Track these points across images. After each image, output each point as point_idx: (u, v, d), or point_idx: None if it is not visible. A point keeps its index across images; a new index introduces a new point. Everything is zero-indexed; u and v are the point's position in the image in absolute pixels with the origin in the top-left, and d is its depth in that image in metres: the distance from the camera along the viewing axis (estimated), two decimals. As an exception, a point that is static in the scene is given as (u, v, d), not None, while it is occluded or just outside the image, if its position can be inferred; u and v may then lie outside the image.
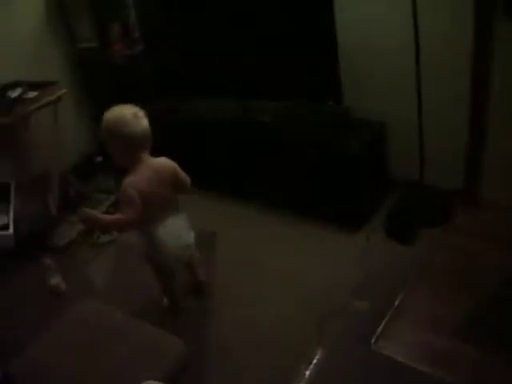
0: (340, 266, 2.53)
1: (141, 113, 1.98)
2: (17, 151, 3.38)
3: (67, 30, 3.50)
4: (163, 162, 2.08)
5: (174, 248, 2.13)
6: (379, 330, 2.11)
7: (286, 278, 2.53)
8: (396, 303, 2.22)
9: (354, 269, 2.48)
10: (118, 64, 3.28)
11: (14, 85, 3.23)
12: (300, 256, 2.65)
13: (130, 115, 1.95)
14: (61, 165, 3.36)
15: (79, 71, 3.67)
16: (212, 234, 2.90)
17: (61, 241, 3.05)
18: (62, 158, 3.36)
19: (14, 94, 3.13)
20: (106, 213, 2.73)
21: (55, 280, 2.69)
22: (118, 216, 1.95)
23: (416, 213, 2.68)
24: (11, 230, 2.91)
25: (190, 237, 2.22)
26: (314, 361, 2.05)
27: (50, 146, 3.28)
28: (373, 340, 2.07)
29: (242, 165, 3.09)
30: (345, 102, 2.65)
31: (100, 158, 3.69)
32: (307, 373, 2.01)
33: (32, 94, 3.10)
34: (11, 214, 3.00)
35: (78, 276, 2.84)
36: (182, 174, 2.13)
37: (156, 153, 2.09)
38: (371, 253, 2.56)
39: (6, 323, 2.50)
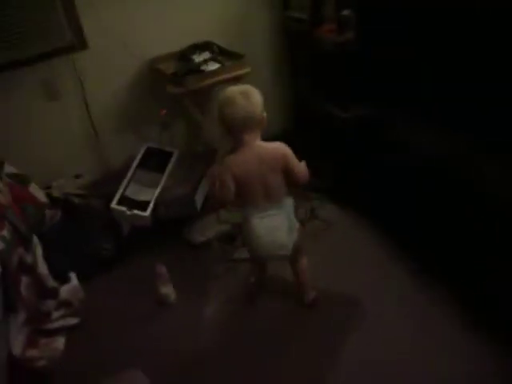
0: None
1: (254, 95, 1.88)
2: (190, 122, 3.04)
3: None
4: (271, 147, 1.94)
5: (263, 243, 1.97)
6: None
7: None
8: None
9: None
10: (323, 47, 2.62)
11: (204, 46, 2.82)
12: None
13: (240, 96, 1.86)
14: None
15: (281, 42, 3.11)
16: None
17: (197, 238, 2.67)
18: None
19: (199, 58, 2.72)
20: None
21: (166, 289, 2.32)
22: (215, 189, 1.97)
23: None
24: (148, 212, 2.60)
25: (287, 237, 1.98)
26: None
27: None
28: None
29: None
30: None
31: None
32: None
33: (213, 66, 2.65)
34: (157, 191, 2.69)
35: (195, 287, 2.42)
36: (295, 163, 1.94)
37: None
38: None
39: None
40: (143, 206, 2.63)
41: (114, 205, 2.60)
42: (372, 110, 2.50)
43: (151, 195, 2.66)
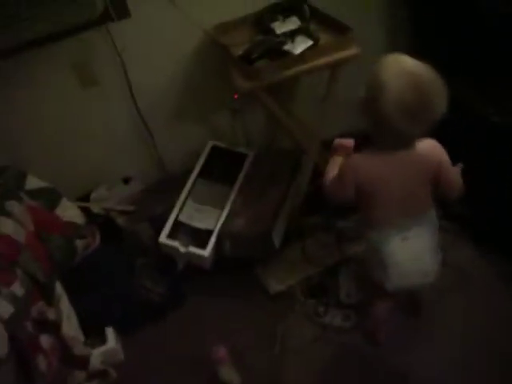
0: None
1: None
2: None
3: None
4: (425, 147, 1.40)
5: (406, 272, 1.50)
6: None
7: None
8: None
9: None
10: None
11: (290, 5, 1.97)
12: None
13: (428, 75, 1.25)
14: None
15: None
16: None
17: (273, 285, 1.98)
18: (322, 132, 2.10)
19: (282, 28, 1.89)
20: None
21: (228, 375, 1.70)
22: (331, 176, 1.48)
23: None
24: (208, 251, 1.93)
25: (433, 260, 1.52)
26: None
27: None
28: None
29: None
30: None
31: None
32: None
33: (304, 43, 1.81)
34: (222, 217, 2.00)
35: (266, 361, 1.76)
36: (451, 171, 1.43)
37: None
38: None
39: None
40: (202, 237, 1.97)
41: (163, 239, 1.95)
42: None
43: (214, 222, 1.99)
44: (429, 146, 1.41)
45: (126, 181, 2.27)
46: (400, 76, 1.25)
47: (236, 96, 2.10)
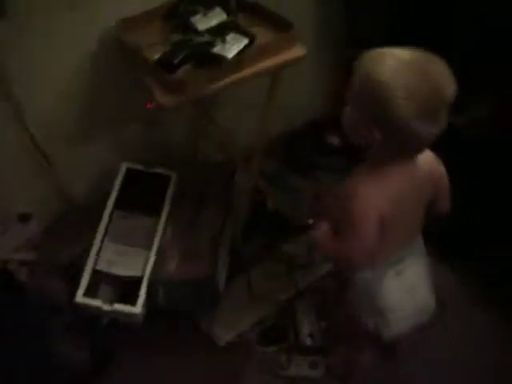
0: None
1: None
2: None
3: None
4: (426, 159, 1.15)
5: (406, 314, 1.25)
6: None
7: None
8: None
9: None
10: None
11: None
12: None
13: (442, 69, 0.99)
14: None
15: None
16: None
17: (221, 334, 1.65)
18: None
19: (205, 23, 1.53)
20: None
21: None
22: (338, 244, 1.15)
23: None
24: (139, 307, 1.56)
25: (430, 293, 1.30)
26: None
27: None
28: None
29: None
30: None
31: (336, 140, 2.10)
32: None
33: (237, 43, 1.46)
34: (151, 258, 1.63)
35: None
36: (447, 185, 1.22)
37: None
38: None
39: None
40: (130, 288, 1.60)
41: (80, 298, 1.55)
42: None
43: (141, 266, 1.62)
44: (429, 157, 1.18)
45: (24, 219, 1.82)
46: (401, 70, 0.98)
47: (149, 106, 1.71)
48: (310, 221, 1.92)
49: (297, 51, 1.43)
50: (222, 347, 1.62)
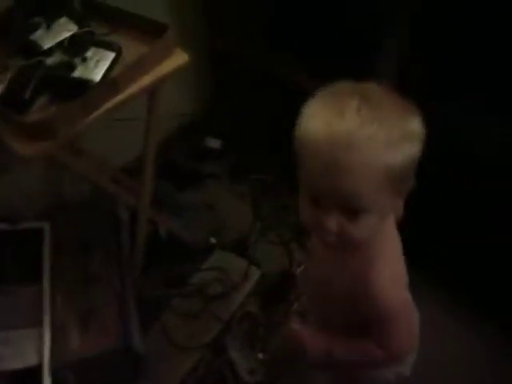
0: None
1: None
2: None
3: None
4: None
5: None
6: None
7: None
8: None
9: None
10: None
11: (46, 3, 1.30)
12: None
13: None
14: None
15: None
16: None
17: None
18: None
19: (51, 40, 1.25)
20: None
21: None
22: (367, 345, 0.87)
23: None
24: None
25: None
26: None
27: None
28: None
29: None
30: None
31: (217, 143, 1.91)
32: None
33: (103, 61, 1.17)
34: (47, 340, 1.31)
35: None
36: None
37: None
38: None
39: None
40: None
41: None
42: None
43: (35, 352, 1.30)
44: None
45: None
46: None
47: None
48: (213, 240, 1.73)
49: (179, 58, 1.19)
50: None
